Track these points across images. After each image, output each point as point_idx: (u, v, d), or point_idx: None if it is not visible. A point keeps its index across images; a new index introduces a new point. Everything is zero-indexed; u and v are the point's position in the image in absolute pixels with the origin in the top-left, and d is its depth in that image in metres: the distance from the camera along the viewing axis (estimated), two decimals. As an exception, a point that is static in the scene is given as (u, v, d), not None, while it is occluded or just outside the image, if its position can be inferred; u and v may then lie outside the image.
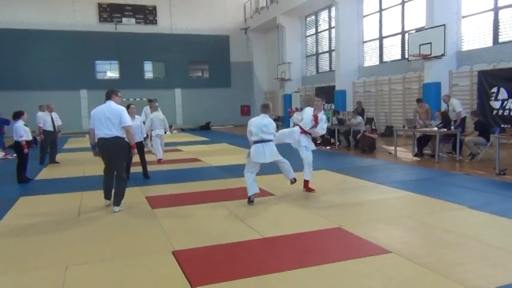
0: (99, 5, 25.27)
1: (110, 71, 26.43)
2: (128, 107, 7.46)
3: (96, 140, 6.00)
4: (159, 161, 10.74)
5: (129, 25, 25.77)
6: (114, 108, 5.95)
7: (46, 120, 11.15)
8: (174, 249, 4.29)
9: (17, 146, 8.50)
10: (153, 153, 11.15)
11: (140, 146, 8.36)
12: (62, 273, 3.77)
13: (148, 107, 13.91)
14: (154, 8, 26.40)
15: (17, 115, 8.67)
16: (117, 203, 6.03)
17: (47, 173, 9.76)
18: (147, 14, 26.29)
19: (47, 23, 23.95)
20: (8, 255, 4.36)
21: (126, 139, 6.07)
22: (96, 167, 9.40)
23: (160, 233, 4.93)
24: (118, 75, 26.13)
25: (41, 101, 17.12)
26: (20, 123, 8.55)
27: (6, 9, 23.29)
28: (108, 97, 6.11)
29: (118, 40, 25.28)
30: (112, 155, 6.00)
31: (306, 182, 6.97)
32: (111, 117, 5.87)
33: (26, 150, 8.42)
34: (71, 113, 24.16)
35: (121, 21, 25.63)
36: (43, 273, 3.83)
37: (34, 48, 23.81)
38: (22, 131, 8.45)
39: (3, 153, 12.84)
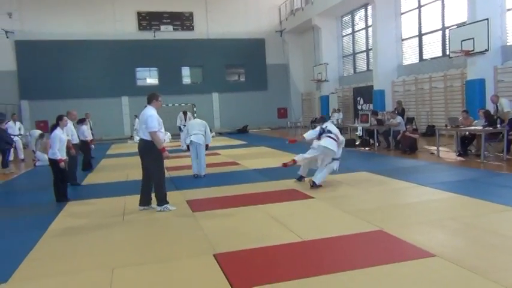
0: (139, 14, 26.00)
1: (150, 78, 27.12)
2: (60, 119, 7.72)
3: None
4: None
5: (167, 32, 26.37)
6: (144, 113, 6.27)
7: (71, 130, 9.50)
8: (215, 252, 4.36)
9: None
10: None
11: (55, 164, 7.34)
12: (108, 275, 3.91)
13: (182, 115, 16.26)
14: (191, 14, 26.88)
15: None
16: (157, 202, 6.39)
17: (92, 178, 10.14)
18: (184, 21, 26.81)
19: (89, 33, 24.88)
20: (57, 257, 4.57)
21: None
22: (138, 171, 9.68)
23: (202, 236, 5.02)
24: (157, 81, 26.77)
25: (85, 109, 17.88)
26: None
27: (50, 22, 24.38)
28: (148, 102, 6.42)
29: (157, 47, 25.92)
30: (142, 157, 6.45)
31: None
32: (142, 121, 6.27)
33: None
34: (113, 119, 25.05)
35: (159, 29, 26.26)
36: (90, 275, 3.99)
37: (77, 58, 24.79)
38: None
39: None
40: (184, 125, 14.94)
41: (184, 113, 17.72)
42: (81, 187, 9.00)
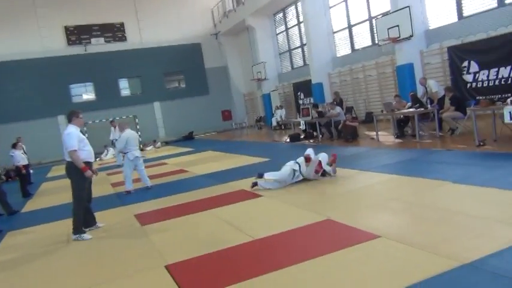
0: (66, 28, 24.97)
1: (86, 93, 26.11)
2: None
3: None
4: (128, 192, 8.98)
5: (98, 45, 25.52)
6: (64, 133, 5.87)
7: None
8: (167, 263, 4.27)
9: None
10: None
11: None
12: (55, 303, 3.73)
13: (112, 128, 15.12)
14: (122, 24, 26.21)
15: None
16: (72, 230, 5.84)
17: (32, 205, 9.62)
18: (116, 32, 26.08)
19: (15, 53, 23.54)
20: (0, 293, 4.30)
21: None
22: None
23: (152, 249, 4.90)
24: (94, 96, 25.87)
25: (20, 133, 16.96)
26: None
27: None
28: (68, 120, 6.02)
29: (90, 61, 25.02)
30: (69, 179, 5.96)
31: None
32: (63, 141, 5.81)
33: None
34: (51, 140, 23.82)
35: (90, 42, 25.37)
36: (37, 306, 3.79)
37: (5, 80, 23.37)
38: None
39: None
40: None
41: (112, 122, 16.87)
42: (19, 215, 8.51)
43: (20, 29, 23.88)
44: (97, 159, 15.85)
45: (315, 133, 14.09)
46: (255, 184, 7.27)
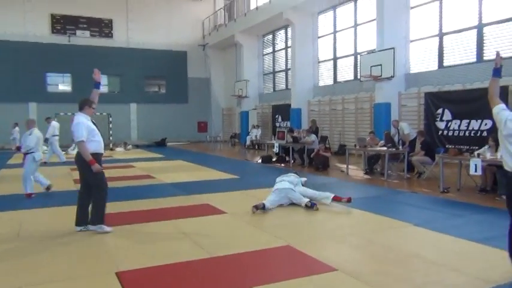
0: (52, 16, 24.55)
1: (62, 84, 25.56)
2: None
3: None
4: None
5: (83, 38, 25.15)
6: (73, 122, 5.61)
7: None
8: (118, 270, 4.13)
9: None
10: None
11: None
12: (-7, 298, 3.54)
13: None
14: (111, 21, 25.95)
15: None
16: (92, 221, 5.59)
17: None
18: (103, 27, 25.80)
19: (-6, 32, 22.98)
20: None
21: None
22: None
23: (105, 252, 4.75)
24: (70, 88, 25.32)
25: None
26: None
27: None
28: (80, 108, 5.75)
29: (71, 53, 24.56)
30: (79, 170, 5.74)
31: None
32: (72, 131, 5.58)
33: None
34: (18, 126, 23.13)
35: (75, 34, 24.99)
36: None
37: (-20, 58, 22.72)
38: None
39: None
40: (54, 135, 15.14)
41: (48, 119, 16.11)
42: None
43: (4, 10, 23.32)
44: (63, 152, 15.44)
45: (287, 157, 14.15)
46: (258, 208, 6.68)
